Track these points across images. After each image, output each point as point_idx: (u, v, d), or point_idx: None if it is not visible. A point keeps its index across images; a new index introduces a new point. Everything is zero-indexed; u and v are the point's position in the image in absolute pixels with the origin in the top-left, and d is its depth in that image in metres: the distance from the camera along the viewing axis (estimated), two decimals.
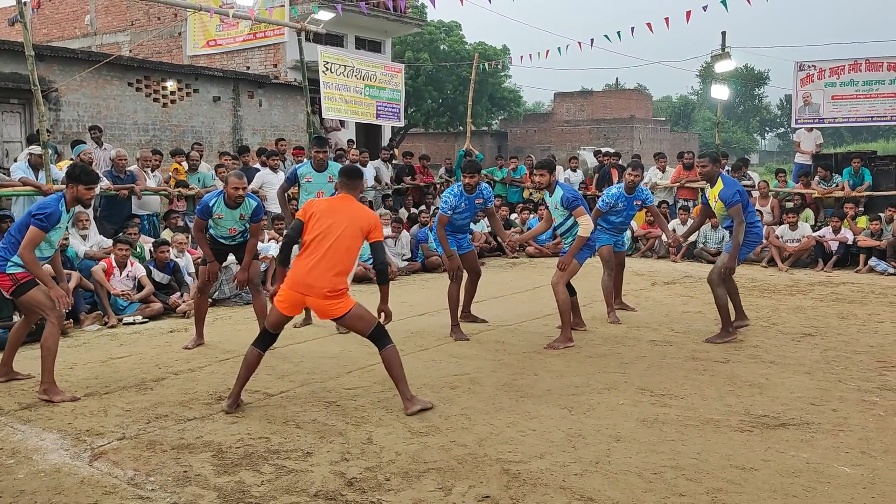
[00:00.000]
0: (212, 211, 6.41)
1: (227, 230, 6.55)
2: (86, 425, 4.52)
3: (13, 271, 5.14)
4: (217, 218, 6.46)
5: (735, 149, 49.31)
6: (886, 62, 14.46)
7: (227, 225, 6.51)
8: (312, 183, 7.28)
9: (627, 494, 3.54)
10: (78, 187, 5.18)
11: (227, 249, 6.77)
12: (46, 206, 5.15)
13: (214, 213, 6.42)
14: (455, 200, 7.03)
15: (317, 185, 7.27)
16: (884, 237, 11.41)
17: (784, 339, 6.84)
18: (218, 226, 6.54)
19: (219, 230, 6.59)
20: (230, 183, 6.36)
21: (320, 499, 3.52)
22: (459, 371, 5.73)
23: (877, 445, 4.16)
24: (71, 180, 5.20)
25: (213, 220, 6.49)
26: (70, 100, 13.22)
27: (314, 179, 7.28)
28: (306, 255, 4.71)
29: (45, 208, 5.11)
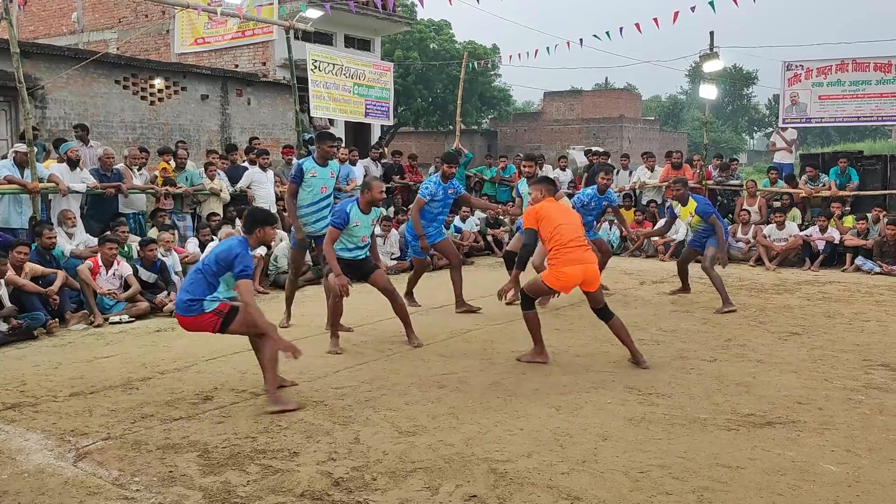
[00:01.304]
0: (349, 219, 6.32)
1: (359, 238, 6.47)
2: (70, 425, 4.49)
3: (212, 307, 4.93)
4: (354, 226, 6.37)
5: (723, 148, 49.51)
6: (873, 62, 14.55)
7: (360, 233, 6.45)
8: (317, 178, 7.22)
9: (614, 493, 3.54)
10: (265, 229, 5.06)
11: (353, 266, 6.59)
12: (234, 250, 4.89)
13: (352, 221, 6.34)
14: (434, 188, 7.80)
15: (321, 181, 7.23)
16: (870, 236, 11.48)
17: (771, 338, 6.87)
18: (352, 235, 6.42)
19: (350, 240, 6.45)
20: (375, 188, 6.38)
21: (307, 499, 3.51)
22: (447, 370, 5.73)
23: (862, 444, 4.19)
24: (257, 224, 5.03)
25: (347, 231, 6.35)
26: (56, 97, 13.12)
27: (318, 174, 7.25)
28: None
29: (235, 253, 4.86)
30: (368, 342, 6.70)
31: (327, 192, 7.26)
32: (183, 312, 4.96)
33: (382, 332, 7.08)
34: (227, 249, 4.93)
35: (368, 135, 21.73)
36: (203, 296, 4.92)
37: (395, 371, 5.71)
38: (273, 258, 9.80)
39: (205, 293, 4.92)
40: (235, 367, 5.80)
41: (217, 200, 10.82)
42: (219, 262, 4.93)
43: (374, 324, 7.48)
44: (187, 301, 4.92)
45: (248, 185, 11.15)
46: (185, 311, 4.94)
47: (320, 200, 7.22)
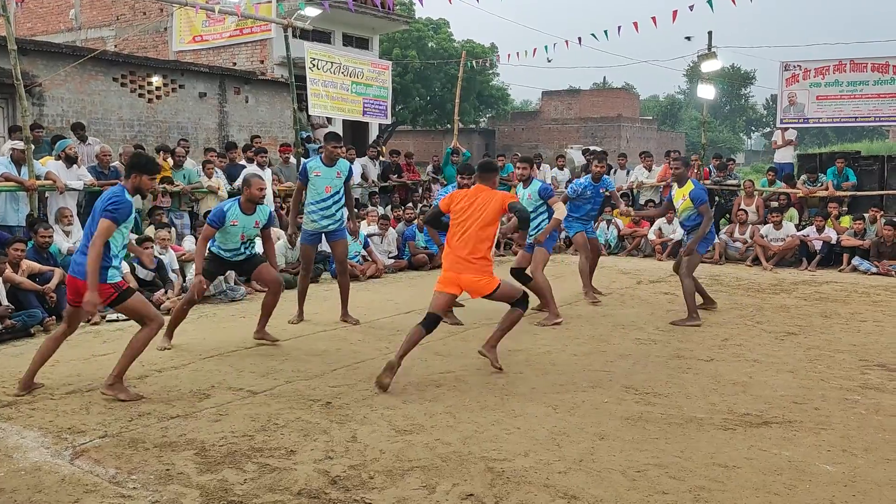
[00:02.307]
0: (226, 217, 6.20)
1: (237, 238, 6.31)
2: (67, 423, 4.48)
3: (115, 280, 4.91)
4: (231, 225, 6.23)
5: (721, 148, 49.55)
6: (870, 63, 14.56)
7: (238, 232, 6.29)
8: (321, 178, 7.22)
9: (611, 492, 3.55)
10: (142, 177, 4.98)
11: (227, 265, 6.59)
12: (107, 194, 4.86)
13: (229, 220, 6.21)
14: None
15: (325, 180, 7.23)
16: (867, 237, 11.50)
17: (768, 338, 6.88)
18: (228, 234, 6.29)
19: (227, 241, 6.34)
20: (254, 184, 6.21)
21: (304, 497, 3.51)
22: (445, 369, 5.73)
23: (858, 444, 4.20)
24: (135, 170, 4.97)
25: (223, 230, 6.25)
26: (54, 95, 13.10)
27: (322, 174, 7.26)
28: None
29: (114, 200, 4.80)
30: (365, 340, 6.70)
31: (332, 192, 7.27)
32: (79, 276, 4.82)
33: (379, 331, 7.08)
34: (102, 198, 4.87)
35: (366, 133, 21.72)
36: (106, 263, 4.82)
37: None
38: None
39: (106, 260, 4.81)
40: (232, 366, 5.80)
41: (215, 198, 10.81)
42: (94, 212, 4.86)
43: (371, 322, 7.48)
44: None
45: None
46: (81, 274, 4.80)
47: (325, 199, 7.26)
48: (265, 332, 6.63)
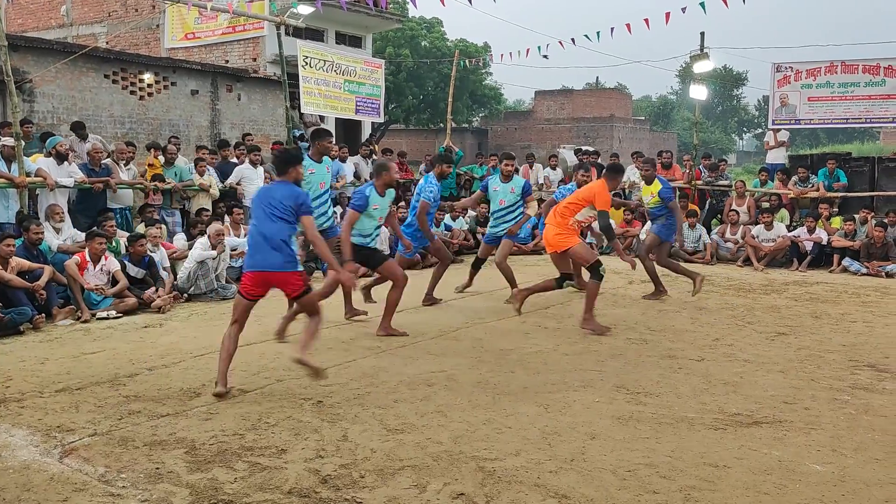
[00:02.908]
0: (369, 202, 6.69)
1: (375, 221, 6.84)
2: (56, 421, 4.46)
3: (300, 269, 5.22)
4: (373, 209, 6.75)
5: (713, 149, 49.74)
6: (861, 65, 14.62)
7: (378, 215, 6.84)
8: (315, 175, 7.26)
9: (602, 492, 3.55)
10: (297, 168, 5.26)
11: (361, 254, 6.78)
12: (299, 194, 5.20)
13: (371, 203, 6.71)
14: (437, 191, 8.00)
15: (318, 177, 7.30)
16: (857, 238, 11.56)
17: (759, 338, 6.91)
18: (369, 218, 6.75)
19: (365, 225, 6.75)
20: (392, 169, 6.83)
21: (294, 496, 3.50)
22: (436, 368, 5.73)
23: (847, 443, 4.22)
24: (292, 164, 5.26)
25: (366, 213, 6.72)
26: (45, 91, 13.02)
27: (316, 171, 7.28)
28: None
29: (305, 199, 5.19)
30: (357, 339, 6.69)
31: (325, 189, 7.32)
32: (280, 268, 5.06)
33: (371, 330, 7.06)
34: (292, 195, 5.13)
35: (359, 132, 21.68)
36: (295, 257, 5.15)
37: (383, 369, 5.71)
38: None
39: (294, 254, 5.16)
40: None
41: (206, 196, 10.78)
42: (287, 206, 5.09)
43: (362, 322, 7.46)
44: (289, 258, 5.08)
45: (238, 181, 11.10)
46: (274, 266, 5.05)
47: (319, 196, 7.26)
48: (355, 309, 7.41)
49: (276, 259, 5.01)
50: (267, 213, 5.08)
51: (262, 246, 5.06)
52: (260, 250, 5.07)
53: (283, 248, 5.03)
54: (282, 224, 5.05)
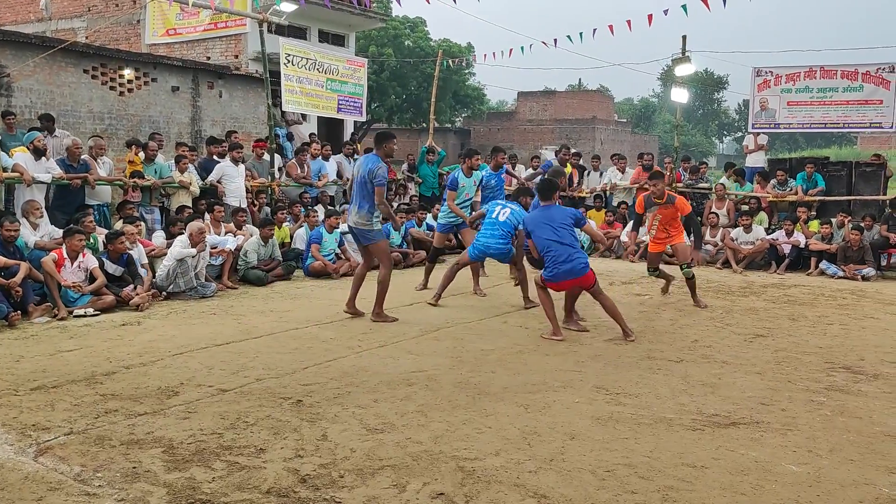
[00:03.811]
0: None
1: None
2: (31, 420, 4.40)
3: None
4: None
5: (694, 152, 50.14)
6: (840, 70, 14.78)
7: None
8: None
9: (580, 492, 3.57)
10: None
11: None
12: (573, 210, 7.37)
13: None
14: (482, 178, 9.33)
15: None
16: (834, 241, 11.69)
17: (737, 340, 6.97)
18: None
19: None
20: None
21: (273, 496, 3.48)
22: (417, 368, 5.72)
23: (823, 444, 4.26)
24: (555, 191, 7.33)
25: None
26: (22, 86, 12.85)
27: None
28: None
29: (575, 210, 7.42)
30: (337, 339, 6.67)
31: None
32: (580, 274, 6.81)
33: (352, 329, 7.05)
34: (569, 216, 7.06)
35: (341, 130, 21.61)
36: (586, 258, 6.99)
37: (363, 368, 5.69)
38: (243, 253, 9.71)
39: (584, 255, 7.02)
40: (202, 363, 5.73)
41: (187, 194, 10.70)
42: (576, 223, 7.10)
43: (342, 321, 7.45)
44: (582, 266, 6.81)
45: (219, 178, 11.03)
46: (581, 272, 6.82)
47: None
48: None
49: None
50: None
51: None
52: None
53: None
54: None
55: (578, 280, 6.81)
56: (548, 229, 6.83)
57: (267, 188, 12.02)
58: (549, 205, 7.05)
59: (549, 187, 7.13)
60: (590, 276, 6.83)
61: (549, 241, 6.81)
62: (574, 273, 6.74)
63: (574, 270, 6.73)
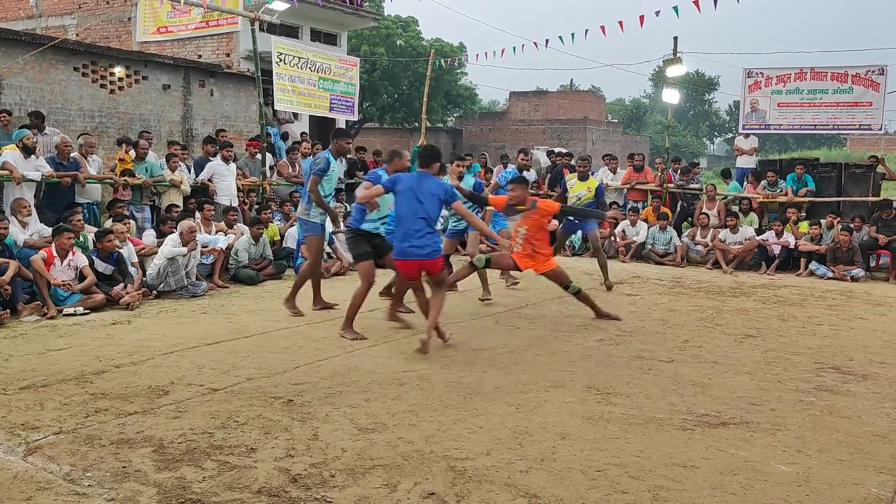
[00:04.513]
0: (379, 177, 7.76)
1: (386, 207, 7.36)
2: (21, 419, 4.38)
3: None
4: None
5: (685, 152, 50.32)
6: (830, 72, 14.87)
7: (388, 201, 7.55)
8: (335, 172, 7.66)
9: (571, 491, 3.57)
10: (438, 164, 6.50)
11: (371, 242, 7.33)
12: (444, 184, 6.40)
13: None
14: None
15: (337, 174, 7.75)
16: (823, 242, 11.75)
17: (727, 340, 6.99)
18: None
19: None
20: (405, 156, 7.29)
21: (264, 495, 3.47)
22: (408, 367, 5.72)
23: (812, 444, 4.29)
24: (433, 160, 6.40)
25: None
26: (12, 83, 12.78)
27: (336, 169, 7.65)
28: None
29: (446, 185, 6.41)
30: (328, 338, 6.66)
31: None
32: (433, 257, 6.15)
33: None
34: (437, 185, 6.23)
35: (333, 129, 21.58)
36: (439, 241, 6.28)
37: (355, 368, 5.69)
38: (234, 252, 9.69)
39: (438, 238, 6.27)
40: (192, 362, 5.72)
41: (177, 192, 10.66)
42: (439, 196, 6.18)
43: (334, 319, 7.43)
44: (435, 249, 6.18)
45: (210, 177, 10.99)
46: (434, 254, 6.16)
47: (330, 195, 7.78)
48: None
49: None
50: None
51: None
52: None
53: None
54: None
55: (425, 263, 6.19)
56: (411, 197, 6.14)
57: (258, 187, 11.99)
58: (425, 173, 6.30)
59: (429, 154, 6.43)
60: (438, 262, 6.26)
61: (406, 212, 6.14)
62: (421, 254, 6.10)
63: (421, 251, 6.10)
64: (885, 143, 42.54)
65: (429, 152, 6.45)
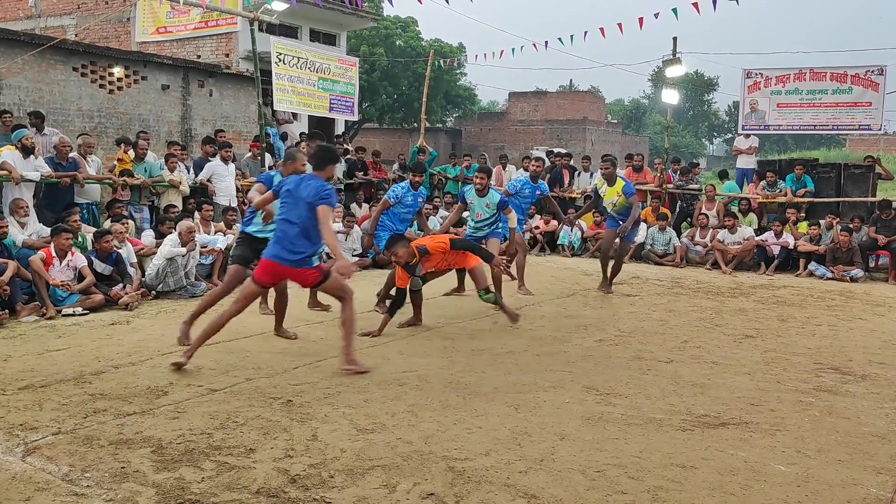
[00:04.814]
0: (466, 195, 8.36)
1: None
2: (19, 419, 4.37)
3: (317, 264, 5.62)
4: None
5: (684, 153, 50.34)
6: (829, 73, 14.88)
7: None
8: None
9: (570, 492, 3.57)
10: (333, 167, 5.76)
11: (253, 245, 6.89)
12: (325, 187, 5.47)
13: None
14: (401, 192, 8.11)
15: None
16: (822, 242, 11.75)
17: (726, 341, 6.99)
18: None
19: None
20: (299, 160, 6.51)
21: (262, 496, 3.47)
22: (408, 368, 5.72)
23: (811, 445, 4.28)
24: (329, 162, 5.64)
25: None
26: (11, 83, 12.77)
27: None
28: None
29: (326, 188, 5.46)
30: (327, 338, 6.65)
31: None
32: (294, 265, 5.49)
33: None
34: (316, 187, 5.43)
35: (332, 130, 21.57)
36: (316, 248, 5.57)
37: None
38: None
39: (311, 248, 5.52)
40: (191, 362, 5.70)
41: (176, 193, 10.65)
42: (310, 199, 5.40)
43: (333, 320, 7.42)
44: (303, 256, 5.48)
45: (209, 177, 10.99)
46: (298, 263, 5.49)
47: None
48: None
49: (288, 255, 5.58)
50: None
51: None
52: None
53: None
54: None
55: (292, 272, 5.56)
56: (288, 199, 5.55)
57: None
58: (316, 176, 5.56)
59: (323, 156, 5.63)
60: (306, 273, 5.55)
61: (281, 215, 5.59)
62: (285, 260, 5.47)
63: (287, 257, 5.47)
64: (885, 144, 42.54)
65: (322, 153, 5.66)
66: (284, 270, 5.54)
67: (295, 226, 5.45)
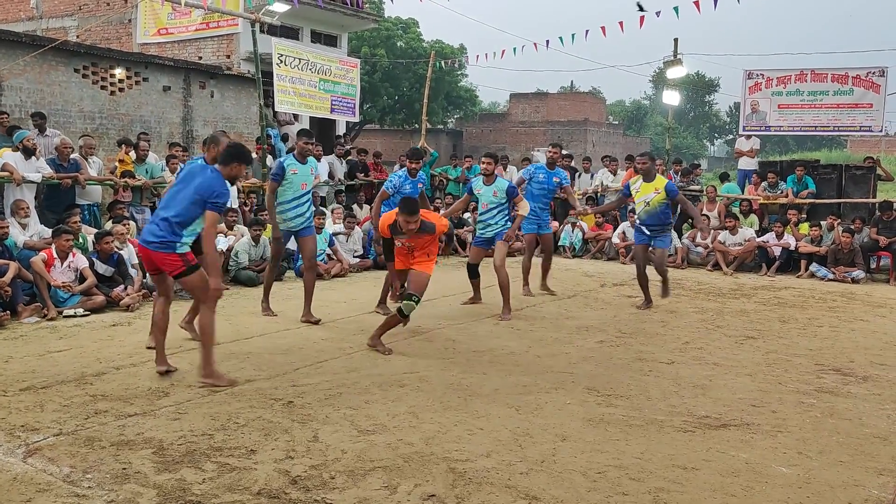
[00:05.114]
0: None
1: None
2: (20, 420, 4.38)
3: (183, 251, 5.21)
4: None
5: (685, 154, 50.32)
6: (831, 74, 14.88)
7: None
8: (298, 175, 7.23)
9: (572, 493, 3.57)
10: (241, 166, 5.37)
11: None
12: (216, 188, 5.16)
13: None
14: (399, 181, 7.84)
15: (301, 178, 7.26)
16: (824, 244, 11.74)
17: (728, 342, 6.99)
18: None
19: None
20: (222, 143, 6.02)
21: (263, 497, 3.47)
22: (409, 369, 5.72)
23: (813, 446, 4.28)
24: (235, 160, 5.32)
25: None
26: (13, 84, 12.78)
27: (299, 171, 7.24)
28: None
29: (217, 191, 5.15)
30: (329, 339, 6.66)
31: (307, 189, 7.30)
32: (155, 248, 5.17)
33: (343, 330, 7.04)
34: (207, 184, 5.15)
35: (333, 131, 21.58)
36: (177, 238, 5.17)
37: (355, 369, 5.68)
38: (234, 253, 9.68)
39: (178, 236, 5.17)
40: (192, 363, 5.70)
41: None
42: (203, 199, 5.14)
43: (335, 321, 7.43)
44: (161, 240, 5.15)
45: None
46: (158, 246, 5.16)
47: (301, 196, 7.28)
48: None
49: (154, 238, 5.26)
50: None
51: None
52: None
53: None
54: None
55: (155, 256, 5.22)
56: (177, 184, 5.39)
57: (258, 188, 11.99)
58: (217, 171, 5.33)
59: (231, 153, 5.39)
60: (167, 259, 5.18)
61: (165, 197, 5.46)
62: (148, 243, 5.21)
63: (148, 238, 5.21)
64: (886, 145, 42.53)
65: (231, 150, 5.44)
66: (151, 255, 5.26)
67: (169, 211, 5.21)
